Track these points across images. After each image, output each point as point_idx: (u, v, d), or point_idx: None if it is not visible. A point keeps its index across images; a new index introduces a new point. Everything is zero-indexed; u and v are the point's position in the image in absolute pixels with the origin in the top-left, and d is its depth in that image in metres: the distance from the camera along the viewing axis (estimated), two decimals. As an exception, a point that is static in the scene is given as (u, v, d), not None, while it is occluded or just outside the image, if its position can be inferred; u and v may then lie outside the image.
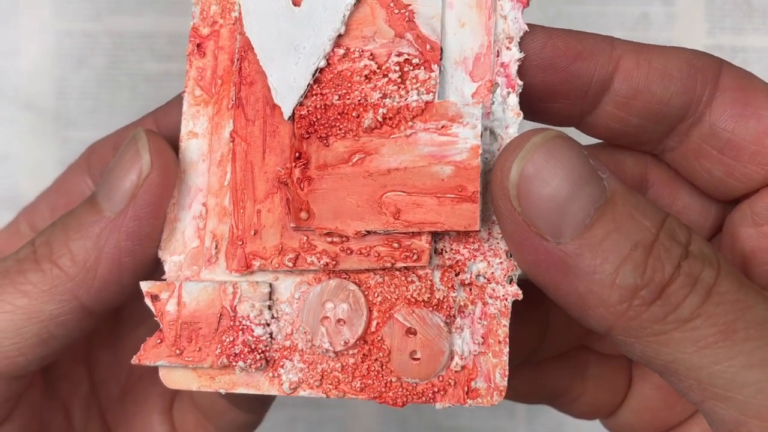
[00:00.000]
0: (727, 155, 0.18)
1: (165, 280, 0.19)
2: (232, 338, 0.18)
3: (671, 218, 0.16)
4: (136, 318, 0.25)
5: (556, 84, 0.19)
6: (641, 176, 0.20)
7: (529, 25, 0.19)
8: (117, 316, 0.26)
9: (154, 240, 0.20)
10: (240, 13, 0.18)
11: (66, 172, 0.26)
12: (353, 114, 0.17)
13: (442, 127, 0.17)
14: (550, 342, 0.21)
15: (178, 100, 0.22)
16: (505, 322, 0.17)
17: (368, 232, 0.17)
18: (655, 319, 0.15)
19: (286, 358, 0.18)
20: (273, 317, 0.18)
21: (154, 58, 0.49)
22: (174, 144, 0.21)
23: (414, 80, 0.17)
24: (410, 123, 0.17)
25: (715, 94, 0.19)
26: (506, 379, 0.17)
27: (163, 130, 0.22)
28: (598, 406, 0.24)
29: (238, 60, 0.18)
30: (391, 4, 0.18)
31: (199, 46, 0.19)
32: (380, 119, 0.17)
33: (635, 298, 0.15)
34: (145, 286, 0.20)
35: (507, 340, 0.17)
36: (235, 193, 0.18)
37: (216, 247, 0.19)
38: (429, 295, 0.17)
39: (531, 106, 0.19)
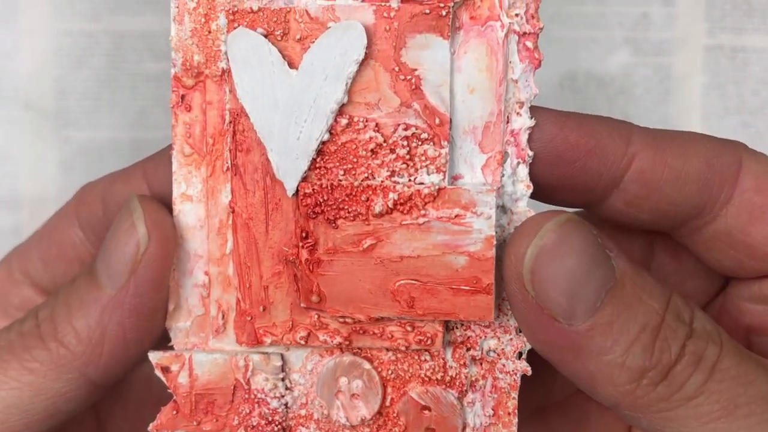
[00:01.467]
0: (740, 252, 0.19)
1: (172, 347, 0.19)
2: (248, 410, 0.18)
3: (675, 296, 0.16)
4: (144, 375, 0.25)
5: (562, 178, 0.18)
6: (647, 245, 0.20)
7: (540, 108, 0.18)
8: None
9: (159, 312, 0.20)
10: (228, 66, 0.17)
11: (55, 219, 0.26)
12: (362, 197, 0.17)
13: (456, 216, 0.16)
14: (554, 389, 0.22)
15: (166, 152, 0.21)
16: (515, 395, 0.18)
17: (380, 317, 0.17)
18: (661, 398, 0.16)
19: (303, 426, 0.18)
20: (287, 388, 0.18)
21: (154, 58, 0.49)
22: (167, 202, 0.20)
23: (423, 157, 0.17)
24: (422, 210, 0.17)
25: (732, 195, 0.18)
26: None
27: (154, 187, 0.22)
28: None
29: (230, 123, 0.18)
30: (396, 69, 0.17)
31: (183, 98, 0.18)
32: (391, 205, 0.17)
33: (643, 378, 0.16)
34: (155, 357, 0.20)
35: (516, 411, 0.18)
36: (239, 267, 0.18)
37: (223, 318, 0.19)
38: (442, 374, 0.18)
39: (534, 195, 0.18)
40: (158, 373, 0.19)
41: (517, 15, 0.17)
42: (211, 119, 0.18)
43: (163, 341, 0.21)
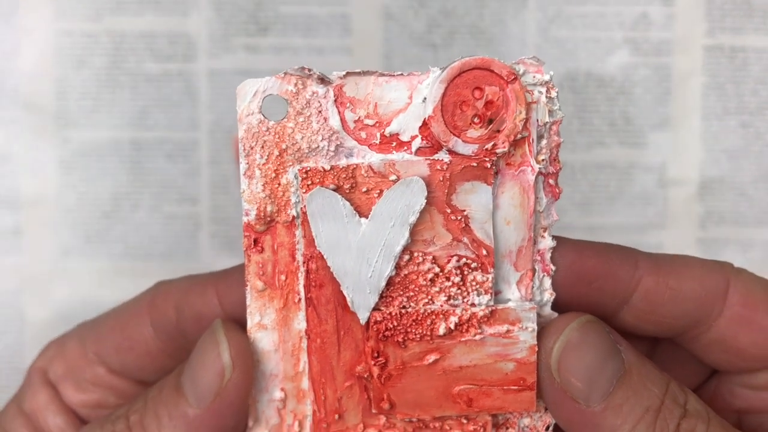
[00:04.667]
0: (731, 355, 0.22)
1: None
2: None
3: (673, 383, 0.21)
4: None
5: (580, 296, 0.21)
6: (651, 338, 0.24)
7: (562, 238, 0.22)
8: None
9: (237, 430, 0.22)
10: (297, 212, 0.20)
11: (129, 312, 0.27)
12: (427, 322, 0.20)
13: (507, 331, 0.20)
14: None
15: (236, 273, 0.24)
16: None
17: (443, 417, 0.21)
18: None
19: None
20: None
21: (154, 58, 0.49)
22: (239, 321, 0.23)
23: (473, 282, 0.20)
24: (479, 329, 0.20)
25: (723, 309, 0.22)
26: None
27: (225, 306, 0.24)
28: None
29: (304, 263, 0.20)
30: (448, 210, 0.20)
31: (256, 241, 0.21)
32: (452, 327, 0.20)
33: None
34: None
35: None
36: (314, 383, 0.21)
37: (299, 425, 0.22)
38: None
39: (557, 308, 0.22)
40: None
41: (543, 160, 0.21)
42: (282, 258, 0.21)
43: None
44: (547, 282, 0.21)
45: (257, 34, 0.49)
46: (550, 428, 0.22)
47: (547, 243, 0.21)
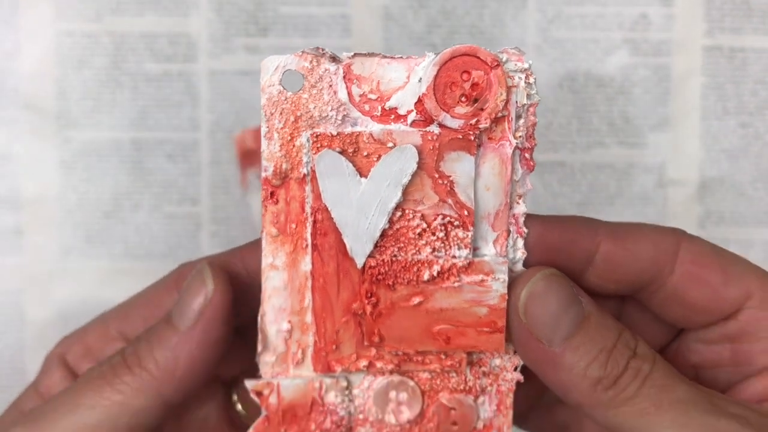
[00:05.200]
0: (684, 309, 0.25)
1: (260, 376, 0.25)
2: (322, 419, 0.25)
3: (625, 332, 0.24)
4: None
5: (550, 262, 0.24)
6: (619, 304, 0.27)
7: (532, 216, 0.25)
8: None
9: (221, 345, 0.26)
10: (307, 171, 0.24)
11: (155, 288, 0.31)
12: (414, 269, 0.24)
13: (481, 280, 0.24)
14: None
15: (256, 244, 0.27)
16: (511, 395, 0.25)
17: (424, 351, 0.25)
18: (610, 399, 0.23)
19: (361, 426, 0.25)
20: (349, 401, 0.25)
21: (155, 59, 0.49)
22: (257, 276, 0.26)
23: (455, 238, 0.24)
24: (458, 278, 0.24)
25: (674, 267, 0.25)
26: (511, 430, 0.26)
27: (249, 267, 0.27)
28: None
29: (311, 214, 0.24)
30: (436, 176, 0.23)
31: (272, 194, 0.24)
32: (435, 274, 0.24)
33: (598, 385, 0.23)
34: (250, 384, 0.25)
35: (512, 406, 0.25)
36: (316, 317, 0.24)
37: (302, 353, 0.25)
38: (464, 385, 0.25)
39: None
40: (253, 396, 0.25)
41: (520, 136, 0.23)
42: (293, 210, 0.24)
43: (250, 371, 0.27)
44: (520, 242, 0.24)
45: (257, 34, 0.49)
46: (518, 369, 0.25)
47: (521, 209, 0.24)
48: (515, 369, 0.25)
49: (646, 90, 0.49)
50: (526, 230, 0.24)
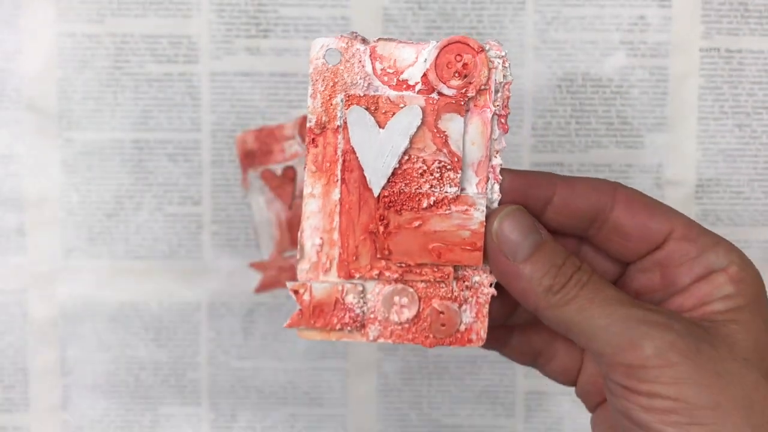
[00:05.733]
0: (624, 240, 0.32)
1: (298, 281, 0.32)
2: (343, 315, 0.32)
3: (572, 256, 0.31)
4: None
5: (517, 201, 0.31)
6: (578, 245, 0.33)
7: (505, 170, 0.32)
8: None
9: None
10: (342, 124, 0.31)
11: None
12: (416, 199, 0.31)
13: (466, 210, 0.31)
14: (522, 311, 0.34)
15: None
16: (487, 306, 0.32)
17: (422, 264, 0.32)
18: (557, 301, 0.30)
19: (371, 323, 0.32)
20: (363, 302, 0.32)
21: (156, 60, 0.49)
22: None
23: (447, 178, 0.31)
24: (448, 207, 0.31)
25: (613, 205, 0.31)
26: (485, 334, 0.32)
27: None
28: (566, 369, 0.35)
29: (342, 155, 0.31)
30: (435, 130, 0.31)
31: (313, 140, 0.31)
32: (432, 204, 0.31)
33: (549, 291, 0.30)
34: (290, 285, 0.32)
35: (487, 314, 0.32)
36: (342, 235, 0.32)
37: (330, 264, 0.32)
38: (451, 294, 0.32)
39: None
40: (291, 294, 0.32)
41: (497, 105, 0.31)
42: (329, 152, 0.31)
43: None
44: (496, 187, 0.31)
45: (258, 36, 0.49)
46: (492, 285, 0.32)
47: (497, 161, 0.31)
48: (491, 285, 0.32)
49: (643, 91, 0.49)
50: (501, 178, 0.31)
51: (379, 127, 0.31)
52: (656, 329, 0.28)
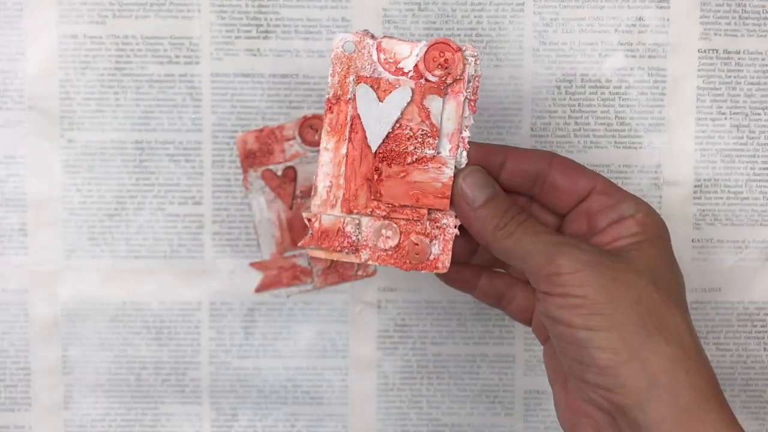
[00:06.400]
0: (558, 194, 0.40)
1: (311, 211, 0.40)
2: (342, 240, 0.40)
3: (515, 204, 0.39)
4: None
5: (479, 164, 0.40)
6: (528, 203, 0.42)
7: (471, 141, 0.40)
8: None
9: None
10: (352, 97, 0.40)
11: None
12: (403, 156, 0.40)
13: (439, 167, 0.40)
14: (483, 253, 0.43)
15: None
16: (451, 243, 0.40)
17: (404, 205, 0.40)
18: (501, 235, 0.38)
19: (363, 249, 0.41)
20: (359, 232, 0.40)
21: (157, 61, 0.49)
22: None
23: (428, 143, 0.40)
24: (427, 164, 0.40)
25: (551, 169, 0.40)
26: (449, 263, 0.40)
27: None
28: (523, 309, 0.42)
29: (350, 120, 0.40)
30: (420, 107, 0.39)
31: (330, 108, 0.40)
32: (414, 160, 0.40)
33: (496, 228, 0.38)
34: (305, 214, 0.40)
35: (451, 249, 0.40)
36: (346, 180, 0.40)
37: (335, 201, 0.40)
38: (424, 231, 0.40)
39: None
40: (306, 222, 0.40)
41: (469, 91, 0.40)
42: (341, 117, 0.40)
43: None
44: (464, 153, 0.40)
45: (259, 37, 0.49)
46: (456, 227, 0.40)
47: (466, 134, 0.40)
48: (455, 227, 0.40)
49: (641, 92, 0.50)
50: (468, 147, 0.40)
51: (379, 101, 0.39)
52: (568, 248, 0.36)
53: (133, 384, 0.51)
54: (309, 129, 0.49)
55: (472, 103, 0.40)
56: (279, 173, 0.50)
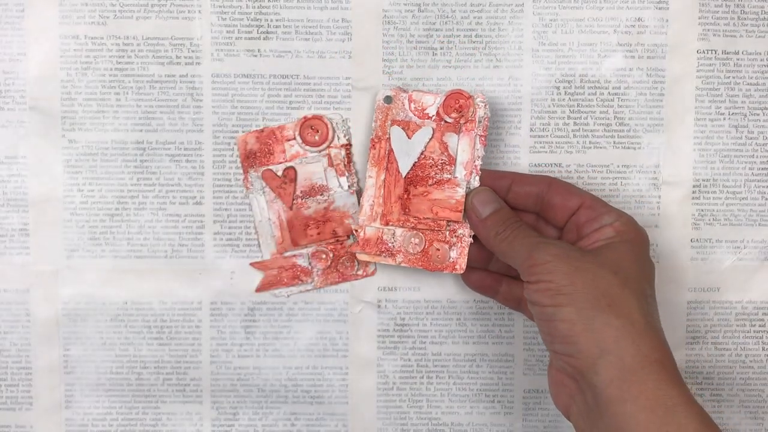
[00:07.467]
0: (556, 211, 0.47)
1: (358, 224, 0.49)
2: (381, 246, 0.49)
3: (514, 216, 0.47)
4: None
5: (488, 186, 0.48)
6: (535, 220, 0.49)
7: (484, 170, 0.48)
8: None
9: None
10: (388, 137, 0.49)
11: None
12: (426, 180, 0.49)
13: (453, 188, 0.48)
14: (497, 260, 0.49)
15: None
16: (467, 248, 0.49)
17: (427, 218, 0.48)
18: (500, 240, 0.46)
19: (398, 253, 0.49)
20: (394, 240, 0.49)
21: (158, 62, 0.49)
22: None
23: (446, 169, 0.49)
24: (444, 185, 0.48)
25: (549, 191, 0.47)
26: (465, 265, 0.49)
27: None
28: None
29: (387, 154, 0.49)
30: (440, 142, 0.48)
31: (373, 145, 0.49)
32: (434, 182, 0.48)
33: (497, 235, 0.46)
34: (353, 225, 0.49)
35: (467, 254, 0.48)
36: (384, 199, 0.49)
37: (376, 216, 0.49)
38: (445, 239, 0.49)
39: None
40: (354, 232, 0.49)
41: (479, 129, 0.48)
42: (381, 152, 0.49)
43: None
44: (477, 178, 0.48)
45: (259, 37, 0.49)
46: (471, 236, 0.48)
47: (479, 162, 0.48)
48: (470, 236, 0.48)
49: (640, 92, 0.50)
50: (480, 172, 0.48)
51: (408, 138, 0.49)
52: (544, 245, 0.43)
53: (134, 383, 0.51)
54: (309, 129, 0.50)
55: (483, 138, 0.48)
56: (279, 173, 0.50)
